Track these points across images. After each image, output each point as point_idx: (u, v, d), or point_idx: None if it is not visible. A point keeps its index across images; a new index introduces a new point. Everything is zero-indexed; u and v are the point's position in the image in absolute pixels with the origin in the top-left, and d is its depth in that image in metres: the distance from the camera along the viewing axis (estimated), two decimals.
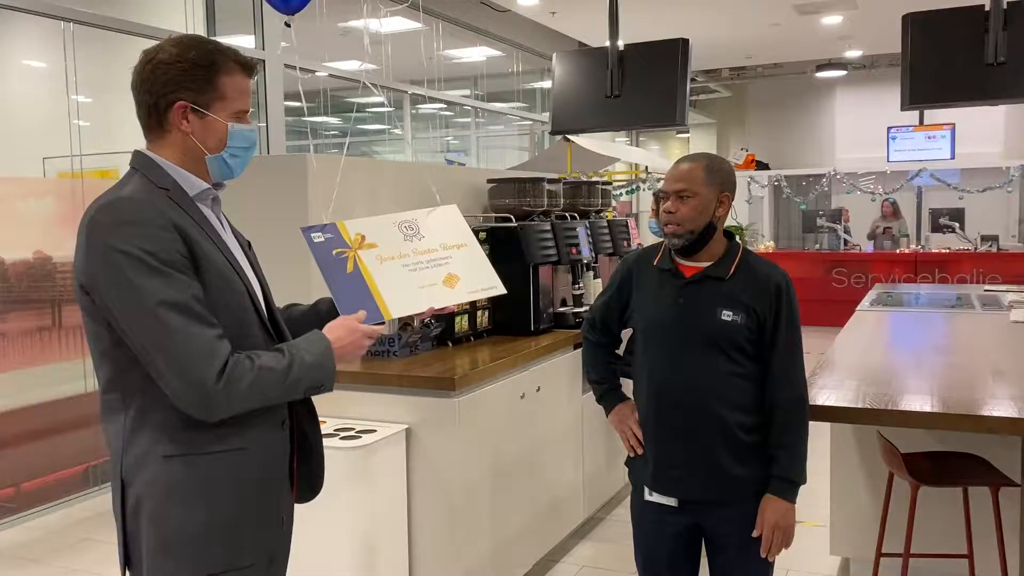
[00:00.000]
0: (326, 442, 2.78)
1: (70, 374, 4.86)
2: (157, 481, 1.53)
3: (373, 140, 11.72)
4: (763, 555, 2.10)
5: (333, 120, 11.99)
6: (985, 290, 5.40)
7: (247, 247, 1.75)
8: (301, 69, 6.97)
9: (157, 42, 1.62)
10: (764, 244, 11.88)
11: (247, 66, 1.64)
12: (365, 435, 2.85)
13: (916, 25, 4.18)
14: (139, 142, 1.64)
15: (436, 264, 2.02)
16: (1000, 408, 2.40)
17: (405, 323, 3.31)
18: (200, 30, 5.96)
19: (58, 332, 4.87)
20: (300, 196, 3.16)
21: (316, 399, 1.77)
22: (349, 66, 8.54)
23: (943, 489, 2.96)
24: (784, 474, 2.09)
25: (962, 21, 4.05)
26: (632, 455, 2.27)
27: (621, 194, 11.16)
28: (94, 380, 1.64)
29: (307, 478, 1.79)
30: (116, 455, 1.56)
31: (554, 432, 3.61)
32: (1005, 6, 3.89)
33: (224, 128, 1.60)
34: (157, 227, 1.48)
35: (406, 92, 8.53)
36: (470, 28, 8.15)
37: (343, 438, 2.84)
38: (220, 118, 1.59)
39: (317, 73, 7.42)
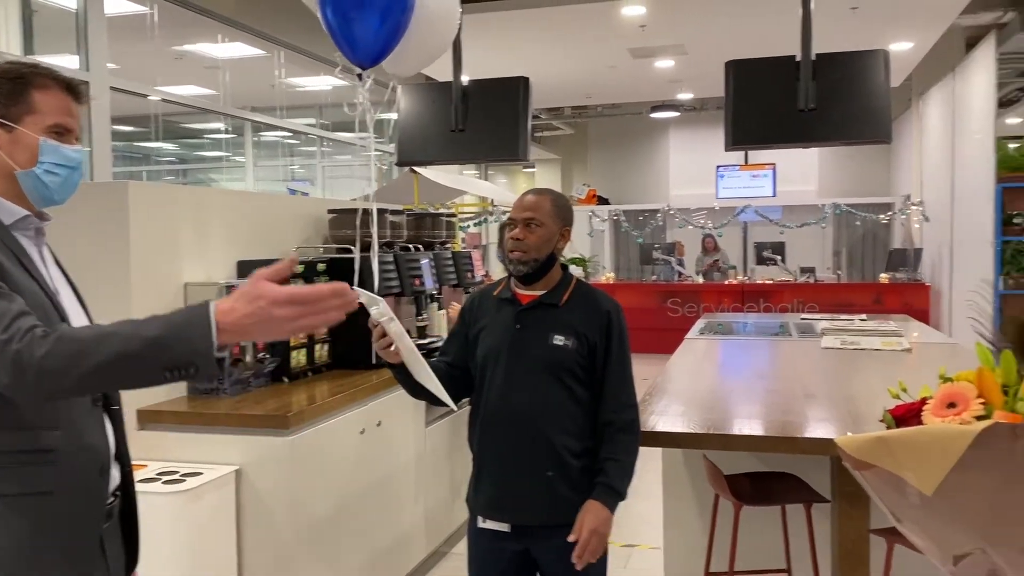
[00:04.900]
0: (146, 487, 2.62)
1: None
2: None
3: (211, 168, 11.29)
4: (575, 559, 2.08)
5: (169, 146, 11.45)
6: (802, 318, 5.81)
7: (70, 286, 1.59)
8: (131, 93, 6.62)
9: None
10: (605, 275, 12.31)
11: (68, 85, 1.53)
12: (190, 478, 2.69)
13: (737, 71, 4.42)
14: None
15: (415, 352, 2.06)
16: (811, 430, 2.58)
17: (236, 359, 3.17)
18: (16, 48, 5.54)
19: None
20: (121, 227, 2.97)
21: (135, 440, 1.63)
22: (185, 91, 8.20)
23: (763, 508, 3.13)
24: (610, 482, 2.14)
25: (777, 69, 4.33)
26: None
27: (469, 226, 11.27)
28: None
29: (129, 546, 1.58)
30: None
31: (395, 468, 3.55)
32: (814, 57, 4.19)
33: (35, 142, 1.49)
34: None
35: (247, 119, 8.28)
36: (314, 57, 8.04)
37: (166, 482, 2.67)
38: (30, 131, 1.48)
39: (150, 97, 7.07)
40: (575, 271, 12.04)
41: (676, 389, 3.31)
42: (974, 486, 0.94)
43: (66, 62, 5.83)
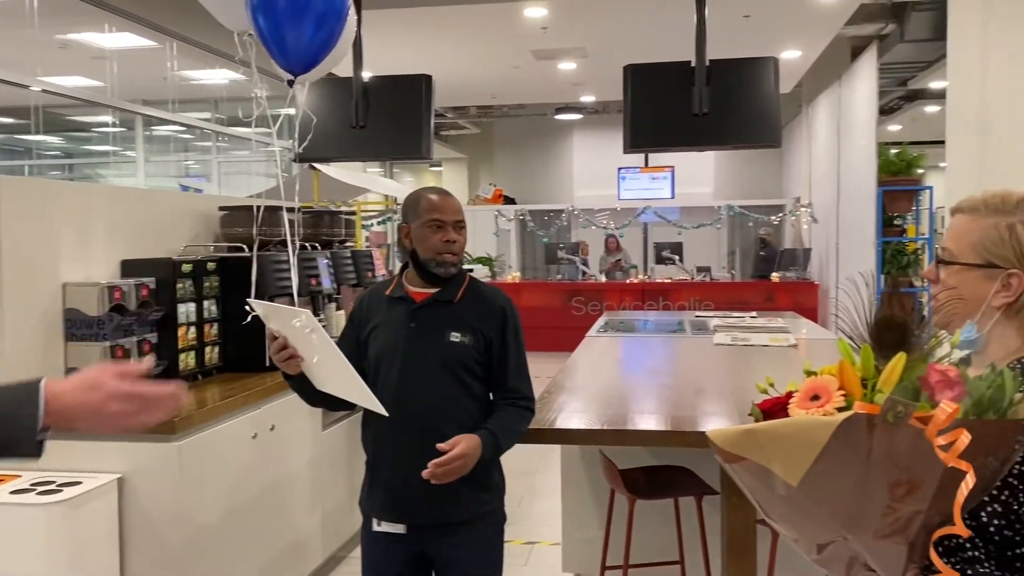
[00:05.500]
0: (20, 499, 2.48)
1: None
2: None
3: (99, 163, 10.79)
4: (430, 465, 2.01)
5: (53, 139, 10.87)
6: (696, 316, 5.98)
7: None
8: (9, 83, 6.26)
9: None
10: (511, 275, 12.38)
11: None
12: (68, 488, 2.56)
13: (635, 75, 4.50)
14: None
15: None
16: (700, 424, 2.65)
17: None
18: None
19: None
20: None
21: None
22: (69, 81, 7.81)
23: (658, 501, 3.20)
24: (496, 432, 2.14)
25: (673, 74, 4.42)
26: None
27: (373, 224, 11.13)
28: None
29: None
30: None
31: (290, 472, 3.47)
32: (708, 63, 4.31)
33: None
34: None
35: (138, 113, 7.96)
36: (208, 49, 7.78)
37: (41, 493, 2.53)
38: None
39: (32, 88, 6.71)
40: (481, 271, 12.04)
41: (575, 386, 3.35)
42: (836, 475, 0.98)
43: None
